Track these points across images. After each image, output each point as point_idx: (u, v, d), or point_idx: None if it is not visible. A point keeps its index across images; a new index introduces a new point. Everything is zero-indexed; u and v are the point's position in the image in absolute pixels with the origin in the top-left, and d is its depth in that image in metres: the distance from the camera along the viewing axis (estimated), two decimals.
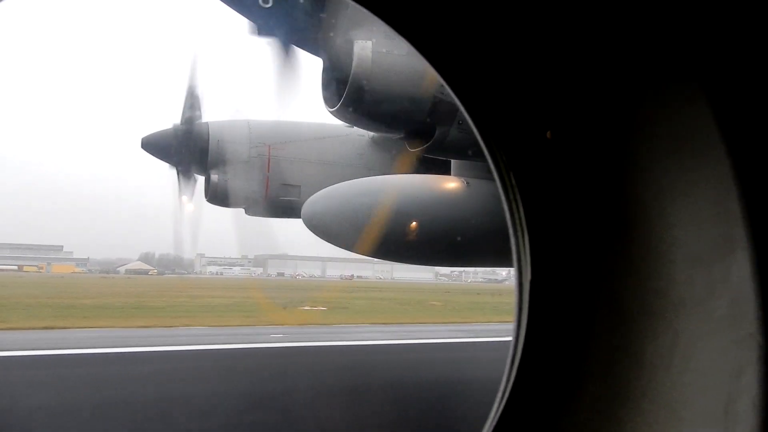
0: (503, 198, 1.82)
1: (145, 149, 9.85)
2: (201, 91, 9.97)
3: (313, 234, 9.18)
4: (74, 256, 64.31)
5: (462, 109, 1.81)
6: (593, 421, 1.64)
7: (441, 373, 11.99)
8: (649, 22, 1.48)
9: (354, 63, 7.31)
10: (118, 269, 60.57)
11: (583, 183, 1.72)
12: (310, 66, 7.96)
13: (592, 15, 1.57)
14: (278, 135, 10.01)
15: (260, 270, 64.65)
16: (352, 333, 19.07)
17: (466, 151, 7.83)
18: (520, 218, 1.77)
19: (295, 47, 7.63)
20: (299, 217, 9.27)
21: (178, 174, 10.00)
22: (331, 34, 7.50)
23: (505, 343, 1.85)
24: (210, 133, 9.79)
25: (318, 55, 7.97)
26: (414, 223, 8.60)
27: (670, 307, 1.52)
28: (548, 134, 1.73)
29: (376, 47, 7.36)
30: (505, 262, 9.90)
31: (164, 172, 9.87)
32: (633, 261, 1.62)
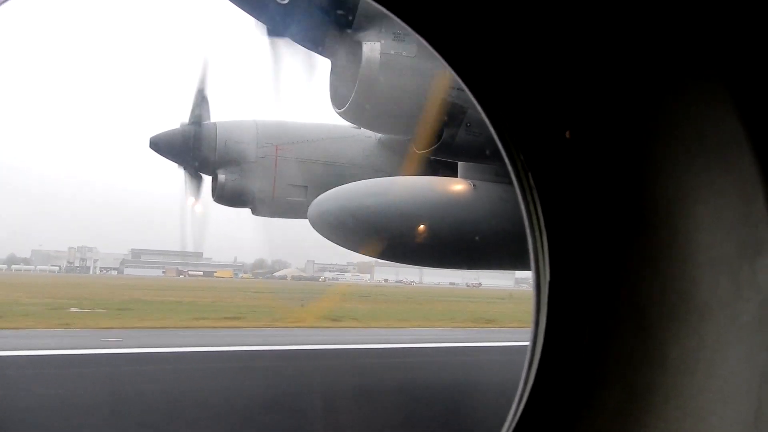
0: (520, 199, 1.80)
1: (153, 149, 9.89)
2: (209, 92, 10.01)
3: (319, 234, 9.19)
4: (213, 262, 63.70)
5: (479, 109, 1.80)
6: (614, 426, 1.61)
7: None
8: (671, 19, 1.46)
9: (362, 64, 7.30)
10: (275, 274, 60.38)
11: (603, 183, 1.69)
12: (319, 67, 7.98)
13: (612, 13, 1.55)
14: (285, 135, 10.02)
15: (368, 276, 64.66)
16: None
17: (473, 153, 7.80)
18: (538, 219, 1.75)
19: (304, 48, 7.65)
20: (305, 217, 9.27)
21: (185, 174, 10.04)
22: (340, 36, 7.50)
23: None
24: (218, 133, 9.81)
25: (326, 56, 7.98)
26: (421, 225, 8.58)
27: (695, 311, 1.49)
28: (567, 134, 1.71)
29: (385, 49, 7.35)
30: (512, 264, 9.87)
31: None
32: (655, 263, 1.59)
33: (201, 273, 59.68)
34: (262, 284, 48.21)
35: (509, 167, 1.81)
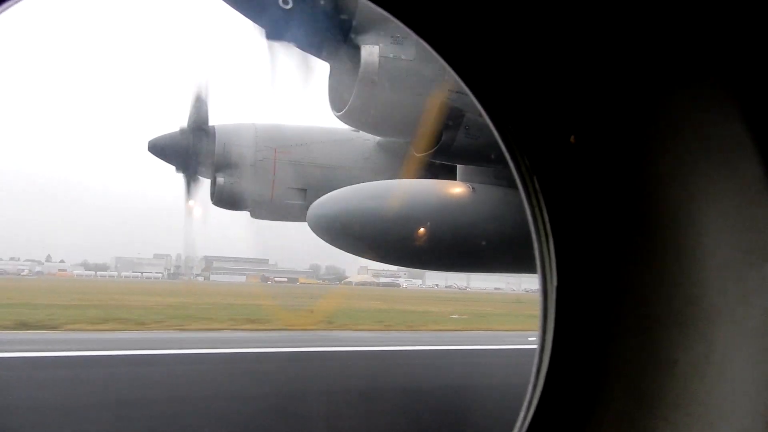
0: (525, 203, 1.79)
1: (151, 152, 9.87)
2: (208, 95, 10.00)
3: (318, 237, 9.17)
4: (280, 268, 63.36)
5: (483, 112, 1.78)
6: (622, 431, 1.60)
7: None
8: (674, 21, 1.46)
9: (361, 67, 7.31)
10: (344, 281, 60.15)
11: (608, 187, 1.68)
12: (317, 70, 7.98)
13: (615, 16, 1.55)
14: (284, 138, 10.01)
15: (419, 281, 64.67)
16: None
17: (472, 156, 7.81)
18: (544, 223, 1.74)
19: (303, 51, 7.64)
20: (305, 220, 9.25)
21: (184, 177, 10.01)
22: (338, 39, 7.51)
23: None
24: (216, 136, 9.79)
25: (325, 60, 7.98)
26: (420, 228, 8.57)
27: (703, 316, 1.48)
28: (572, 138, 1.70)
29: (383, 52, 7.35)
30: (513, 267, 9.86)
31: None
32: (663, 267, 1.58)
33: (285, 279, 59.19)
34: (370, 291, 47.96)
35: (514, 171, 1.80)
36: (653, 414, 1.55)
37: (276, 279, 58.81)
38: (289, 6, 6.63)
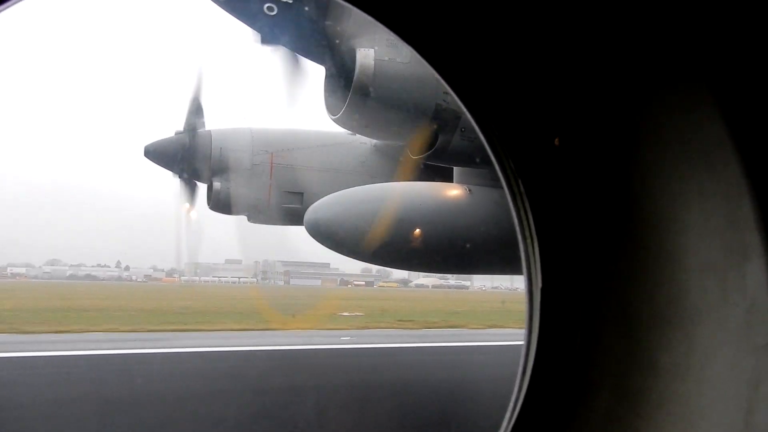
0: (511, 205, 1.80)
1: (147, 157, 9.88)
2: (204, 99, 10.01)
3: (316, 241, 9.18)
4: (341, 272, 63.04)
5: (469, 116, 1.80)
6: (606, 431, 1.61)
7: None
8: (654, 23, 1.47)
9: (357, 71, 7.32)
10: (412, 283, 60.06)
11: (592, 189, 1.70)
12: (313, 74, 8.00)
13: (596, 19, 1.56)
14: (280, 142, 10.02)
15: (468, 282, 64.67)
16: None
17: (468, 158, 7.83)
18: (529, 226, 1.75)
19: (298, 55, 7.66)
20: (302, 224, 9.26)
21: (180, 182, 10.02)
22: (334, 43, 7.53)
23: None
24: (212, 140, 9.80)
25: (321, 63, 8.00)
26: (417, 230, 8.58)
27: (685, 315, 1.49)
28: (556, 141, 1.71)
29: (379, 55, 7.38)
30: (508, 269, 9.86)
31: None
32: (645, 268, 1.59)
33: (363, 283, 59.65)
34: (449, 294, 47.87)
35: (500, 174, 1.82)
36: (636, 413, 1.56)
37: (355, 283, 59.83)
38: (274, 12, 6.64)
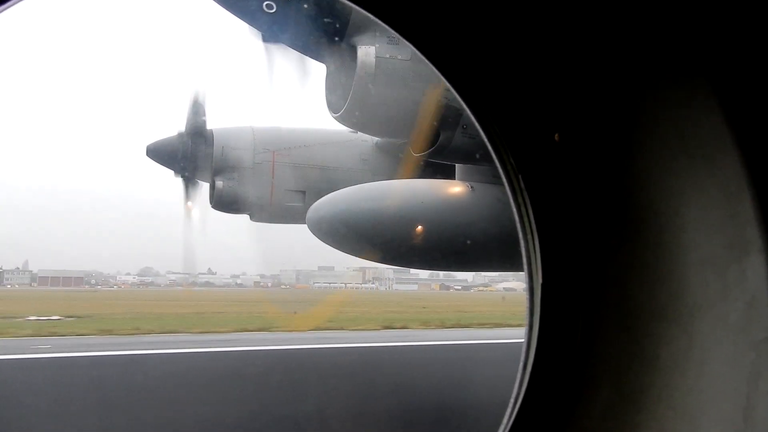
0: (512, 202, 1.80)
1: (150, 157, 9.90)
2: (205, 98, 10.03)
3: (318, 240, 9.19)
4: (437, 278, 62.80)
5: (469, 112, 1.80)
6: (607, 426, 1.62)
7: None
8: (653, 18, 1.46)
9: (357, 68, 7.32)
10: (498, 287, 60.25)
11: (592, 185, 1.70)
12: (314, 72, 8.00)
13: (595, 15, 1.56)
14: (282, 141, 10.03)
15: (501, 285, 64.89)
16: None
17: (470, 155, 7.81)
18: (529, 222, 1.75)
19: (299, 53, 7.66)
20: (304, 222, 9.27)
21: (183, 181, 10.04)
22: (335, 40, 7.52)
23: None
24: (215, 139, 9.82)
25: (322, 61, 8.00)
26: (419, 227, 8.58)
27: (684, 311, 1.49)
28: (556, 137, 1.71)
29: (380, 52, 7.37)
30: (511, 266, 9.86)
31: None
32: (645, 264, 1.59)
33: (459, 288, 59.30)
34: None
35: (500, 170, 1.81)
36: (637, 408, 1.56)
37: (454, 288, 59.53)
38: (274, 10, 6.64)
